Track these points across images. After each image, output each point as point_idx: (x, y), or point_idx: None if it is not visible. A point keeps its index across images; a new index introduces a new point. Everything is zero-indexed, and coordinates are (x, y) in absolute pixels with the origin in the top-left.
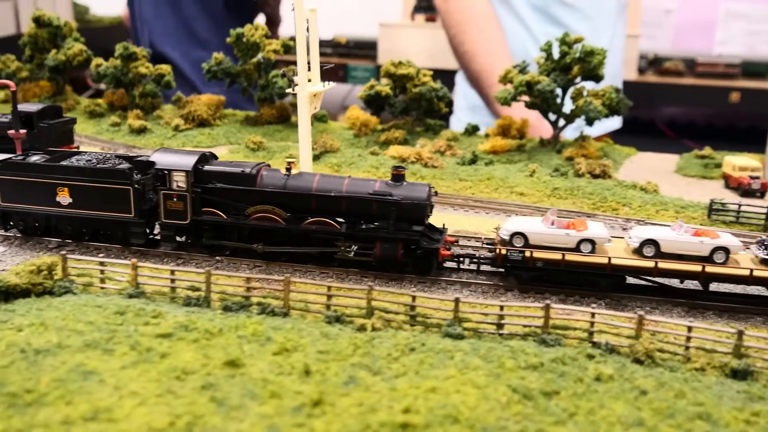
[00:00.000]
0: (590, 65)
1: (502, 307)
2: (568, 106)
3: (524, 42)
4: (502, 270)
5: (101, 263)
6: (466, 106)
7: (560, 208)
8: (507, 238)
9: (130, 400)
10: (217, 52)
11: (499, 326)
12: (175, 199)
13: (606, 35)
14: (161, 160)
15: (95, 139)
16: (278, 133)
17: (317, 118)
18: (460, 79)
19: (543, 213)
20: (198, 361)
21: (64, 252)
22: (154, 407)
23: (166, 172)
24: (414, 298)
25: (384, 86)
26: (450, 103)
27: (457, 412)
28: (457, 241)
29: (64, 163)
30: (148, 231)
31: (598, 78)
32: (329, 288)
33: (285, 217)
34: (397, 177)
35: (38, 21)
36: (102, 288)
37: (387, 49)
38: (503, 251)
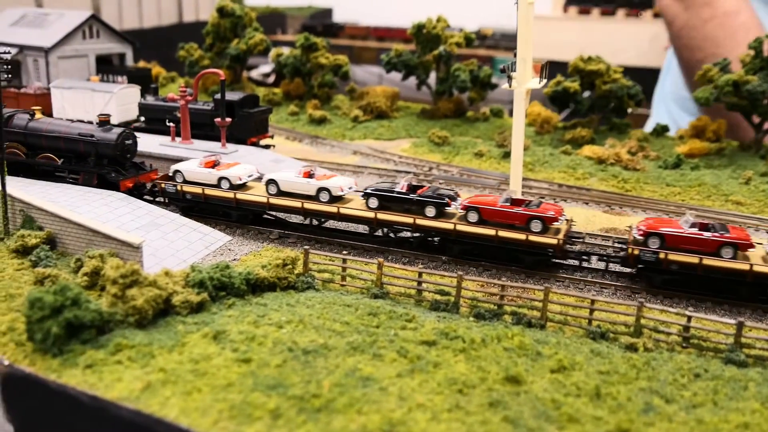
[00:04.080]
0: None
1: None
2: None
3: None
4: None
5: (344, 260)
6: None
7: None
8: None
9: (421, 413)
10: None
11: None
12: None
13: None
14: None
15: (276, 128)
16: (456, 127)
17: (493, 113)
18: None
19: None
20: (474, 374)
21: (306, 247)
22: (449, 424)
23: None
24: (689, 318)
25: (572, 82)
26: (640, 102)
27: None
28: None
29: None
30: None
31: None
32: (592, 302)
33: (25, 152)
34: (102, 123)
35: (221, 11)
36: (342, 285)
37: (536, 42)
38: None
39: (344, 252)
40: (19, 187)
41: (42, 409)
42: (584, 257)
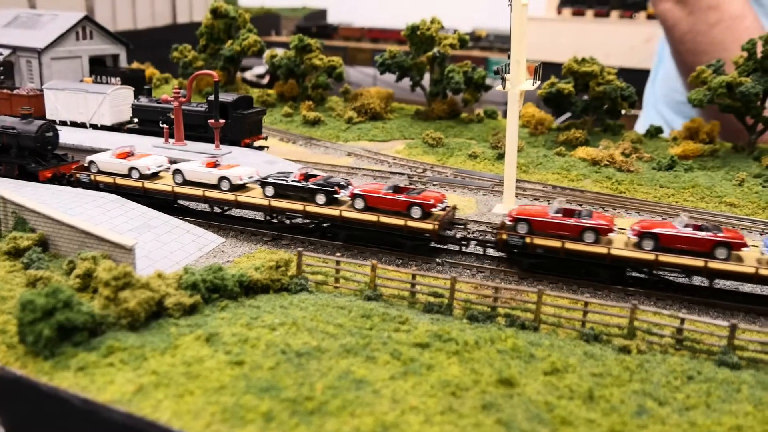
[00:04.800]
0: None
1: None
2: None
3: None
4: None
5: (337, 262)
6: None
7: None
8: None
9: (414, 416)
10: None
11: None
12: None
13: None
14: None
15: (270, 129)
16: (450, 129)
17: (487, 115)
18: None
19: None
20: (467, 377)
21: (300, 249)
22: (442, 426)
23: None
24: (683, 320)
25: (566, 84)
26: (634, 104)
27: None
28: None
29: None
30: None
31: None
32: (586, 304)
33: None
34: (24, 116)
35: (215, 12)
36: (336, 287)
37: (530, 44)
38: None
39: (338, 254)
40: (11, 189)
41: (33, 411)
42: (463, 242)
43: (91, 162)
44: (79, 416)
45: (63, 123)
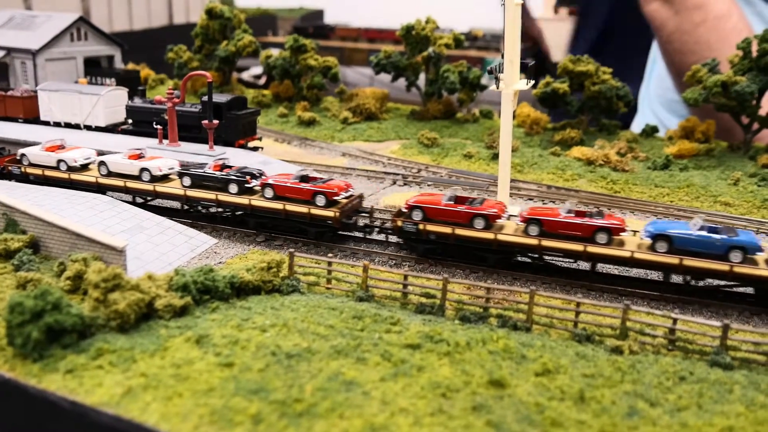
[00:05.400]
0: None
1: None
2: (763, 109)
3: None
4: None
5: (329, 263)
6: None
7: None
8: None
9: (403, 417)
10: None
11: None
12: None
13: None
14: None
15: (265, 130)
16: (446, 129)
17: (482, 115)
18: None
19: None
20: (458, 378)
21: (292, 250)
22: (432, 428)
23: None
24: (675, 321)
25: (561, 83)
26: (629, 103)
27: None
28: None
29: None
30: None
31: None
32: (578, 304)
33: None
34: None
35: (210, 13)
36: (328, 288)
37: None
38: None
39: (330, 255)
40: (2, 191)
41: (22, 414)
42: (367, 230)
43: (23, 155)
44: (67, 419)
45: (57, 124)
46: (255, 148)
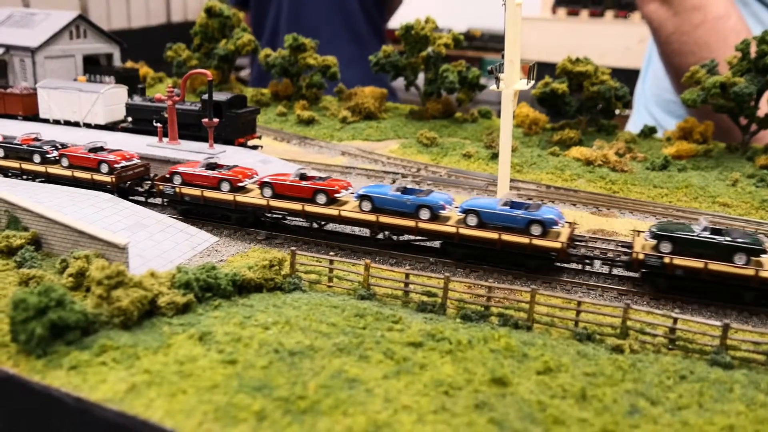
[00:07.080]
0: None
1: None
2: (761, 110)
3: None
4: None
5: (330, 261)
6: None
7: None
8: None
9: (406, 415)
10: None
11: None
12: None
13: None
14: None
15: (264, 128)
16: (445, 128)
17: (481, 114)
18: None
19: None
20: (460, 376)
21: (293, 248)
22: (435, 425)
23: None
24: (675, 320)
25: (560, 84)
26: (628, 104)
27: None
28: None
29: None
30: None
31: None
32: (579, 303)
33: None
34: None
35: (209, 11)
36: (329, 287)
37: (525, 44)
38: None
39: (331, 253)
40: (4, 188)
41: (25, 410)
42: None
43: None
44: (71, 415)
45: (56, 122)
46: (255, 147)
